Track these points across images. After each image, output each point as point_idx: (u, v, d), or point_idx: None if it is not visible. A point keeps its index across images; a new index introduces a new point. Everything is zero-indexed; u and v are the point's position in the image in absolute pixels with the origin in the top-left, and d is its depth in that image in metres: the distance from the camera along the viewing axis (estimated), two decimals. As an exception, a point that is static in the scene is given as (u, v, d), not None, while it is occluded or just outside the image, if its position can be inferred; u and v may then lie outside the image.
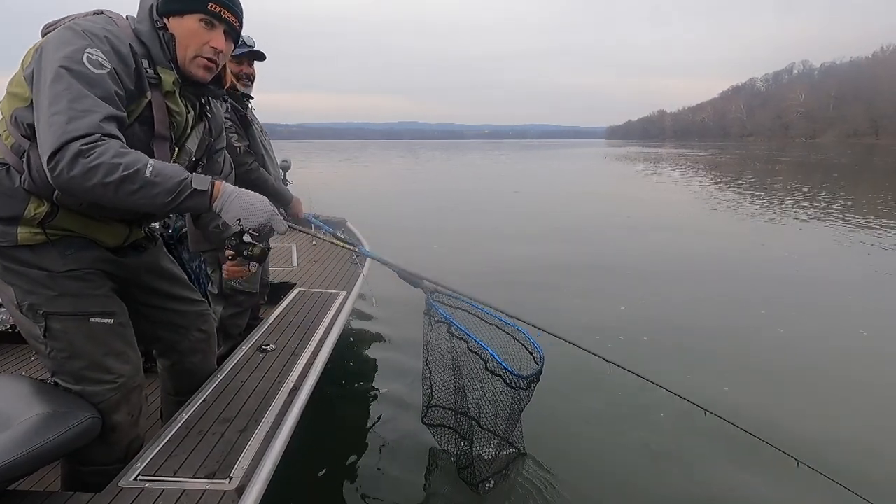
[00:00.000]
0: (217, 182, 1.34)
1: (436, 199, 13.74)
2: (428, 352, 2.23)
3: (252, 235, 1.44)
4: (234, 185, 1.41)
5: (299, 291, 2.92)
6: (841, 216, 10.41)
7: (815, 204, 12.21)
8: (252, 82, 2.59)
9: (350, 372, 3.49)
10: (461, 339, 2.04)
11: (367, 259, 3.48)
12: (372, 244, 3.53)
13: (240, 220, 1.35)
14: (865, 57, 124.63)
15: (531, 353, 2.13)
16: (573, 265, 6.57)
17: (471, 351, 2.03)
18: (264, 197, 1.41)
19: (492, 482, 2.25)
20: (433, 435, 2.44)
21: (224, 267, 1.71)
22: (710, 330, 4.34)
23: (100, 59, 1.25)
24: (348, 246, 2.01)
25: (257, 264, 1.55)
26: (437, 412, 2.37)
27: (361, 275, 3.19)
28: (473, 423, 2.16)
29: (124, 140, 1.25)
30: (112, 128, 1.23)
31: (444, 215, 10.77)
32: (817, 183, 18.03)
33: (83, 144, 1.16)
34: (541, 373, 2.07)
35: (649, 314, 4.70)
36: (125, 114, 1.30)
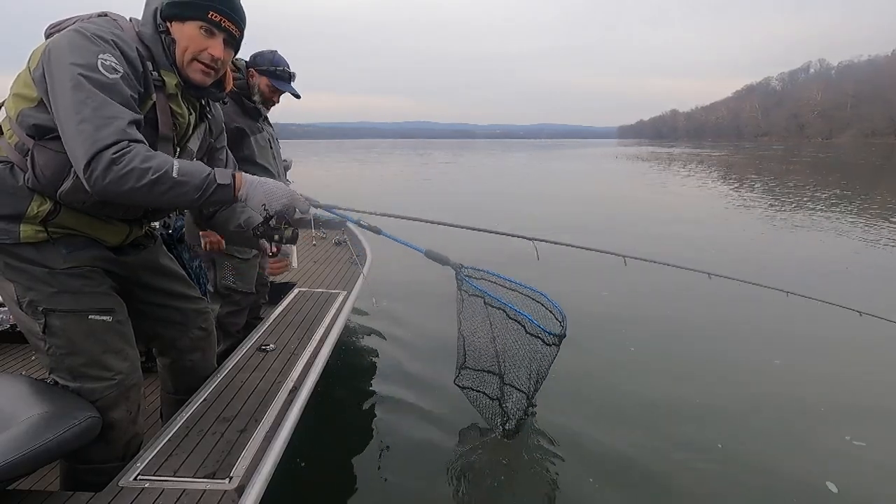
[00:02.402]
0: (237, 174, 1.39)
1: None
2: (461, 321, 2.44)
3: (278, 219, 1.48)
4: None
5: (299, 291, 2.92)
6: None
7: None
8: (272, 106, 2.56)
9: (350, 371, 3.49)
10: (499, 308, 2.25)
11: (368, 259, 3.50)
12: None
13: (264, 204, 1.42)
14: (884, 55, 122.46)
15: (551, 312, 2.31)
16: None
17: (509, 318, 2.25)
18: (282, 183, 1.47)
19: (513, 424, 2.53)
20: (466, 396, 2.59)
21: (269, 264, 1.77)
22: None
23: (113, 64, 1.28)
24: (372, 231, 2.04)
25: (292, 245, 1.60)
26: (468, 373, 2.61)
27: (362, 275, 3.19)
28: (501, 380, 2.42)
29: (146, 142, 1.30)
30: (135, 132, 1.27)
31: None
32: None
33: (114, 153, 1.22)
34: (565, 329, 2.25)
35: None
36: (141, 116, 1.33)
